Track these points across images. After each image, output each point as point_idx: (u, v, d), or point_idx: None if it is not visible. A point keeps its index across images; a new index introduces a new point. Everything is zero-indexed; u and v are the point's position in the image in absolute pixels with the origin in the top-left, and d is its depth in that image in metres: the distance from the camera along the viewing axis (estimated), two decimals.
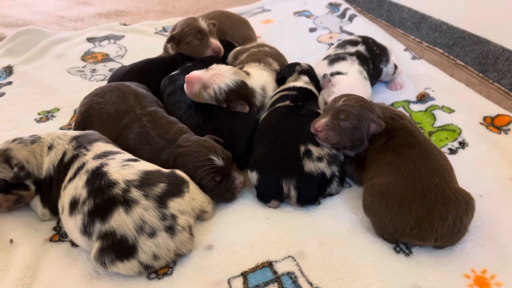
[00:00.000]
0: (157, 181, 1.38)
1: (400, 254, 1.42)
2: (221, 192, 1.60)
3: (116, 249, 1.29)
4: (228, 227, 1.54)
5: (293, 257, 1.42)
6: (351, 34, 2.94)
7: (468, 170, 1.73)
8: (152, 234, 1.31)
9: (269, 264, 1.40)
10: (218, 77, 1.85)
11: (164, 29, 3.23)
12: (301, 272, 1.37)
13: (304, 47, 2.83)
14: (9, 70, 2.70)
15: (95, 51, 2.93)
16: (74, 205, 1.36)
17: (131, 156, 1.52)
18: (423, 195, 1.39)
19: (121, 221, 1.29)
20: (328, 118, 1.62)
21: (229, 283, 1.35)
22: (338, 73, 1.97)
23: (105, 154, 1.47)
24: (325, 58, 2.15)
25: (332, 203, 1.64)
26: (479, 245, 1.44)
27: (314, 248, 1.45)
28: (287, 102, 1.79)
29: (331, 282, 1.33)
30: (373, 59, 2.15)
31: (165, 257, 1.35)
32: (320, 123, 1.62)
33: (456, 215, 1.36)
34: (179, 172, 1.48)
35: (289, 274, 1.36)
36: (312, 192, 1.57)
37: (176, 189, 1.40)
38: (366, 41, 2.21)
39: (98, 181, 1.35)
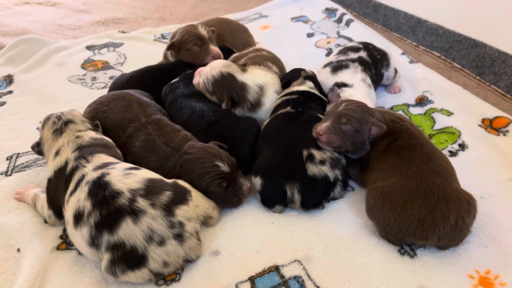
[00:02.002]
0: (162, 189, 1.39)
1: (405, 256, 1.44)
2: (228, 198, 1.62)
3: (127, 259, 1.29)
4: (234, 233, 1.56)
5: (300, 261, 1.43)
6: (348, 38, 2.97)
7: (468, 172, 1.75)
8: (162, 242, 1.32)
9: (276, 269, 1.41)
10: (209, 68, 1.96)
11: (163, 36, 3.25)
12: (308, 276, 1.39)
13: (303, 52, 2.86)
14: (9, 79, 2.71)
15: (94, 59, 2.94)
16: (78, 217, 1.35)
17: (131, 165, 1.51)
18: (425, 195, 1.42)
19: (129, 231, 1.29)
20: (330, 122, 1.65)
21: None
22: (344, 84, 1.99)
23: (105, 165, 1.46)
24: (326, 65, 2.17)
25: (336, 207, 1.65)
26: (482, 246, 1.46)
27: (320, 251, 1.46)
28: (288, 108, 1.81)
29: (338, 285, 1.35)
30: (375, 64, 2.18)
31: (174, 263, 1.36)
32: (322, 127, 1.64)
33: (458, 214, 1.39)
34: (181, 182, 1.49)
35: (296, 278, 1.38)
36: (316, 196, 1.59)
37: (181, 196, 1.41)
38: (367, 47, 2.24)
39: (102, 192, 1.34)
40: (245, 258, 1.46)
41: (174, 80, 2.12)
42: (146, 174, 1.44)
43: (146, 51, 3.00)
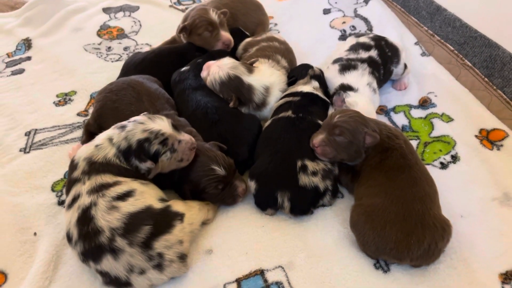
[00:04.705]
0: (141, 224, 1.44)
1: (379, 270, 1.58)
2: (224, 198, 1.76)
3: (115, 284, 1.46)
4: (227, 232, 1.71)
5: (283, 267, 1.58)
6: (364, 19, 2.94)
7: (455, 187, 1.83)
8: (142, 272, 1.44)
9: (261, 273, 1.57)
10: (217, 68, 2.02)
11: (179, 2, 3.24)
12: (289, 282, 1.54)
13: (316, 33, 2.85)
14: (27, 43, 2.81)
15: (110, 25, 2.99)
16: (69, 239, 1.49)
17: (124, 189, 1.52)
18: (404, 220, 1.52)
19: (111, 266, 1.42)
20: (324, 134, 1.73)
21: None
22: (349, 87, 2.03)
23: (100, 188, 1.50)
24: (336, 62, 2.19)
25: (324, 213, 1.77)
26: (451, 267, 1.58)
27: (302, 259, 1.61)
28: (290, 113, 1.88)
29: None
30: (384, 64, 2.19)
31: (160, 283, 1.51)
32: (317, 139, 1.73)
33: (431, 240, 1.50)
34: (174, 206, 1.57)
35: (278, 284, 1.54)
36: (304, 205, 1.71)
37: (163, 226, 1.49)
38: (379, 44, 2.23)
39: (86, 227, 1.44)
40: (235, 259, 1.61)
41: (184, 68, 2.18)
42: (130, 207, 1.48)
43: (161, 20, 3.03)
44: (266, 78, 2.06)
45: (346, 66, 2.13)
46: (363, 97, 2.00)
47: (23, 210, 1.80)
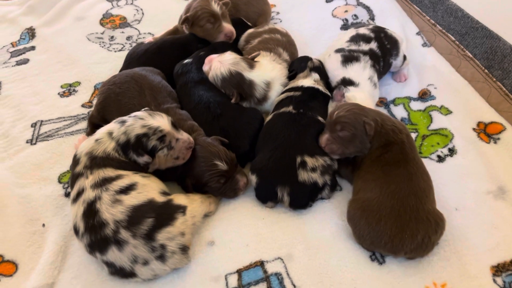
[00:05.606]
0: (144, 217, 1.50)
1: (375, 262, 1.64)
2: (225, 191, 1.81)
3: (120, 273, 1.53)
4: (229, 225, 1.76)
5: (282, 259, 1.64)
6: (367, 8, 2.92)
7: (450, 180, 1.88)
8: (146, 263, 1.50)
9: (261, 264, 1.63)
10: (218, 64, 2.04)
11: None
12: (287, 273, 1.60)
13: (318, 23, 2.84)
14: (31, 33, 2.83)
15: (113, 13, 3.00)
16: (76, 231, 1.56)
17: (127, 182, 1.58)
18: (399, 215, 1.57)
19: (116, 257, 1.49)
20: (328, 133, 1.78)
21: (226, 278, 1.60)
22: (350, 81, 2.06)
23: (103, 182, 1.56)
24: (338, 52, 2.20)
25: (323, 206, 1.82)
26: (445, 259, 1.63)
27: (301, 251, 1.67)
28: (290, 108, 1.92)
29: (311, 285, 1.57)
30: (384, 56, 2.21)
31: (163, 274, 1.57)
32: (323, 139, 1.79)
33: (425, 234, 1.56)
34: (176, 200, 1.62)
35: (277, 275, 1.60)
36: (303, 199, 1.76)
37: (165, 218, 1.54)
38: (379, 36, 2.24)
39: (92, 220, 1.50)
40: (236, 251, 1.67)
41: (186, 61, 2.21)
42: (134, 199, 1.54)
43: (164, 9, 3.04)
44: (267, 73, 2.09)
45: (349, 57, 2.14)
46: (362, 92, 2.03)
47: (31, 202, 1.86)
